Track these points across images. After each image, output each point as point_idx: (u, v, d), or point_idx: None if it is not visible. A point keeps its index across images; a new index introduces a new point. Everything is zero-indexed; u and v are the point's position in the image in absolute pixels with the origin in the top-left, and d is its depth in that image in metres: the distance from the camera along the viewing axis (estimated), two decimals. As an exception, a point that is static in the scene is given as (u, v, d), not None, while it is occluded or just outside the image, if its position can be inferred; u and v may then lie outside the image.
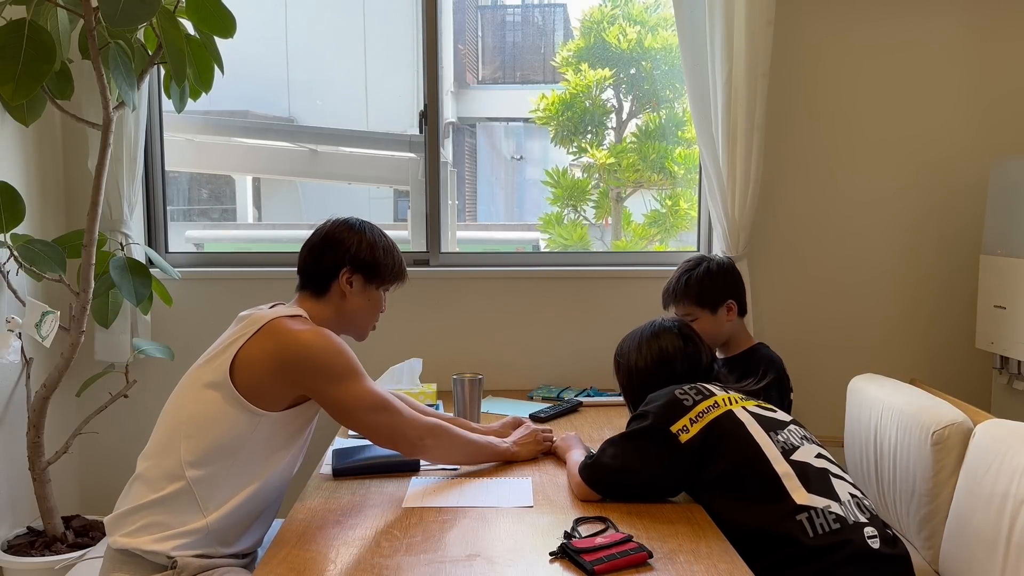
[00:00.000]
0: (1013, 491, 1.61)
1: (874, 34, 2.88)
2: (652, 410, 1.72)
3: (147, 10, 2.08)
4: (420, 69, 2.95)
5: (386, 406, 1.73)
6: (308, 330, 1.68)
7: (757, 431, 1.67)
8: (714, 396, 1.72)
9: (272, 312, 1.72)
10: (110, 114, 2.29)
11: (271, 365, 1.64)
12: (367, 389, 1.71)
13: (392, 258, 1.86)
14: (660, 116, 3.35)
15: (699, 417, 1.68)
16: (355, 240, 1.82)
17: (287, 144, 3.59)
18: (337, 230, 1.84)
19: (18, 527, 2.56)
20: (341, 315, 1.81)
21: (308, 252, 1.84)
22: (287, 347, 1.65)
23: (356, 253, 1.81)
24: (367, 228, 1.86)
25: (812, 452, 1.67)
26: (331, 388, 1.68)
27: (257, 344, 1.66)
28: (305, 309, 1.78)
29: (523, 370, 2.90)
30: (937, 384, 2.35)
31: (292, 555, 1.45)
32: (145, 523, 1.61)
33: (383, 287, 1.87)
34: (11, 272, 2.40)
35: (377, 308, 1.87)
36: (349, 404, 1.70)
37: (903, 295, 2.96)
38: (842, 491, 1.61)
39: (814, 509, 1.55)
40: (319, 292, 1.80)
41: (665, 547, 1.49)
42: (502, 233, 4.08)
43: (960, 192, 2.93)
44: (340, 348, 1.69)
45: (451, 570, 1.40)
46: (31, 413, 2.41)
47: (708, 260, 2.28)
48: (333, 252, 1.81)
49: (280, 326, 1.68)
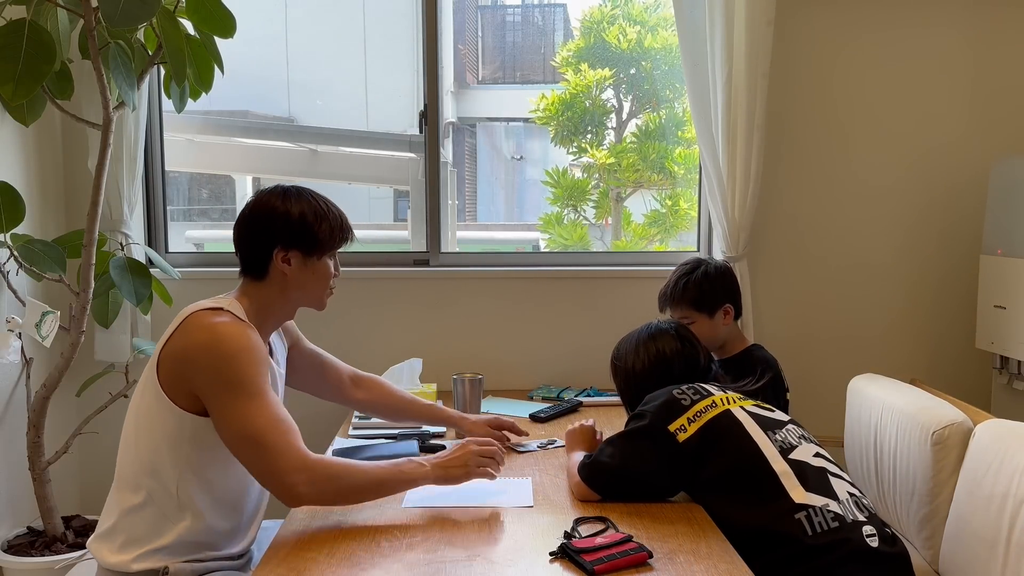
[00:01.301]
0: (1013, 491, 1.61)
1: (874, 34, 2.88)
2: (650, 410, 1.72)
3: (147, 10, 2.08)
4: (420, 69, 2.95)
5: (258, 442, 1.50)
6: (210, 328, 1.55)
7: (755, 430, 1.67)
8: (712, 396, 1.73)
9: (194, 305, 1.62)
10: (110, 114, 2.29)
11: (177, 361, 1.56)
12: (245, 413, 1.51)
13: (326, 223, 1.68)
14: (660, 116, 3.35)
15: (697, 416, 1.68)
16: (280, 215, 1.65)
17: (287, 144, 3.59)
18: (260, 205, 1.68)
19: (18, 527, 2.56)
20: (288, 293, 1.69)
21: (238, 236, 1.70)
22: (187, 344, 1.55)
23: (284, 229, 1.65)
24: (292, 196, 1.68)
25: (810, 451, 1.67)
26: (212, 397, 1.54)
27: (174, 340, 1.57)
28: (248, 296, 1.68)
29: (523, 370, 2.90)
30: (937, 384, 2.35)
31: (291, 555, 1.45)
32: (124, 539, 1.58)
33: (326, 255, 1.71)
34: (11, 272, 2.40)
35: (326, 276, 1.73)
36: (221, 422, 1.54)
37: (903, 295, 2.96)
38: (840, 490, 1.62)
39: (812, 508, 1.55)
40: (259, 275, 1.68)
41: (665, 547, 1.49)
42: (502, 233, 4.08)
43: (960, 192, 2.93)
44: (233, 356, 1.52)
45: (451, 570, 1.40)
46: (31, 413, 2.41)
47: (705, 263, 2.27)
48: (261, 233, 1.67)
49: (191, 322, 1.57)
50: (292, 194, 1.69)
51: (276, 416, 1.54)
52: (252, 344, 1.56)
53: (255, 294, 1.69)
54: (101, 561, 1.61)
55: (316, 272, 1.70)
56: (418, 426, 2.23)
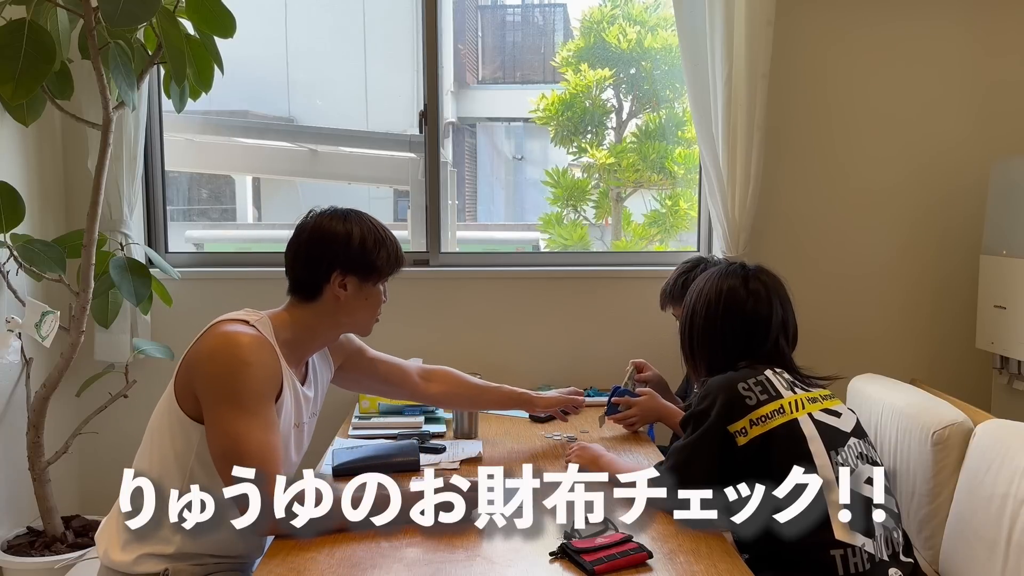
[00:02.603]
0: (1013, 491, 1.61)
1: (874, 34, 2.88)
2: (714, 409, 1.59)
3: (147, 10, 2.08)
4: (420, 69, 2.95)
5: (240, 462, 1.44)
6: (224, 335, 1.52)
7: (818, 449, 1.55)
8: (780, 398, 1.59)
9: (224, 316, 1.61)
10: (110, 114, 2.29)
11: (188, 366, 1.55)
12: (235, 429, 1.47)
13: (385, 250, 1.66)
14: (660, 116, 3.35)
15: (761, 421, 1.56)
16: (342, 238, 1.63)
17: (287, 144, 3.59)
18: (320, 228, 1.65)
19: (18, 527, 2.56)
20: (337, 317, 1.67)
21: (293, 257, 1.67)
22: (200, 348, 1.55)
23: (346, 253, 1.63)
24: (353, 219, 1.65)
25: (863, 476, 1.57)
26: (208, 405, 1.51)
27: (193, 346, 1.57)
28: (293, 316, 1.65)
29: (523, 370, 2.90)
30: (937, 384, 2.35)
31: (292, 555, 1.45)
32: (127, 539, 1.58)
33: (381, 282, 1.70)
34: (11, 272, 2.40)
35: (377, 303, 1.71)
36: (211, 432, 1.50)
37: (903, 295, 2.96)
38: (876, 523, 1.55)
39: (851, 548, 1.50)
40: (311, 297, 1.65)
41: (665, 547, 1.49)
42: (502, 233, 4.08)
43: (960, 192, 2.93)
44: (237, 368, 1.48)
45: (451, 570, 1.40)
46: (31, 413, 2.41)
47: (706, 262, 2.30)
48: (320, 255, 1.63)
49: (211, 330, 1.56)
50: (353, 218, 1.65)
51: (263, 440, 1.48)
52: (263, 360, 1.52)
53: (301, 315, 1.66)
54: (103, 555, 1.61)
55: (369, 298, 1.68)
56: (418, 425, 2.24)
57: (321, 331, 1.69)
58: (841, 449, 1.58)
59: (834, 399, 1.69)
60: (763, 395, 1.59)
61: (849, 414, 1.68)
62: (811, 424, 1.58)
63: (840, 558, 1.50)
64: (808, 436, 1.56)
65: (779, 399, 1.59)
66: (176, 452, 1.57)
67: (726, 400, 1.59)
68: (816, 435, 1.57)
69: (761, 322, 1.71)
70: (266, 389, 1.53)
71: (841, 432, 1.62)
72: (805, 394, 1.63)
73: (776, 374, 1.65)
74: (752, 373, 1.64)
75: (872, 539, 1.53)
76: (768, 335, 1.72)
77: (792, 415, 1.58)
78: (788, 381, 1.65)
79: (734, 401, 1.59)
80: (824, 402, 1.65)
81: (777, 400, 1.59)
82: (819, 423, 1.59)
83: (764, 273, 1.76)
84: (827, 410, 1.64)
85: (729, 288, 1.72)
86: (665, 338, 2.41)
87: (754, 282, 1.73)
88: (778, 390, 1.61)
